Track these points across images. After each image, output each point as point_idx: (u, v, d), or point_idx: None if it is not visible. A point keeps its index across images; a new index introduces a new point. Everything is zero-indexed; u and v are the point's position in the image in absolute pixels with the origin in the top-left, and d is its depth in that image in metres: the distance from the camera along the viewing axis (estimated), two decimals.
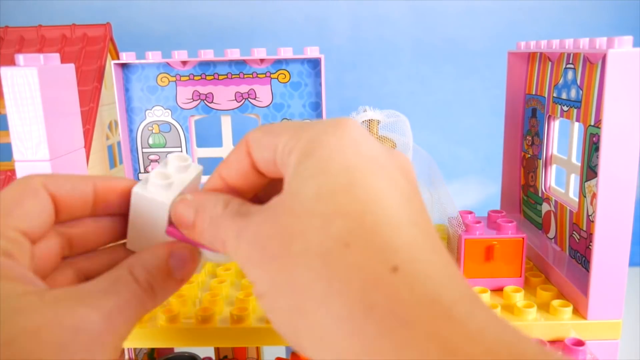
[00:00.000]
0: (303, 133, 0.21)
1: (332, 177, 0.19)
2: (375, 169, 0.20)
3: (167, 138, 0.52)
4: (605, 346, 0.36)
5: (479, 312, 0.17)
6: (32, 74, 0.30)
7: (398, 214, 0.19)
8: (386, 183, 0.20)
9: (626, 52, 0.32)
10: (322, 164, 0.19)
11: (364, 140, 0.21)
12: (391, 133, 0.44)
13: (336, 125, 0.21)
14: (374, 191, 0.19)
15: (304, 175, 0.19)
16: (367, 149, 0.20)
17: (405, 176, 0.21)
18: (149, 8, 0.84)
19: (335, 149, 0.20)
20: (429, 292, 0.17)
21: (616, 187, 0.34)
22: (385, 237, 0.18)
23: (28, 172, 0.31)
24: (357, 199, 0.18)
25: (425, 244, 0.19)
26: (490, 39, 0.85)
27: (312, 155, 0.20)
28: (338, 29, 0.85)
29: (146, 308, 0.22)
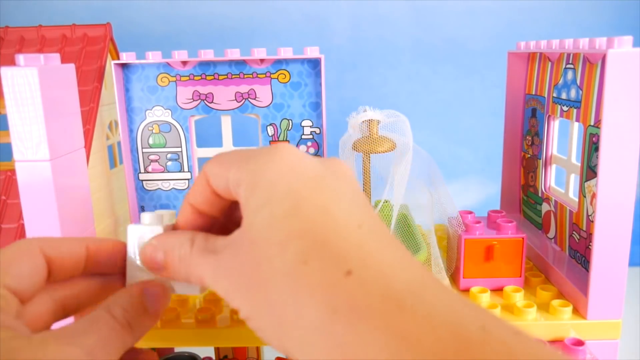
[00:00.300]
0: (247, 166, 0.23)
1: (280, 203, 0.21)
2: (315, 186, 0.22)
3: (167, 138, 0.52)
4: (605, 346, 0.36)
5: (429, 296, 0.19)
6: (32, 74, 0.30)
7: (344, 222, 0.21)
8: (328, 195, 0.22)
9: (626, 52, 0.32)
10: (268, 193, 0.22)
11: (301, 162, 0.23)
12: (391, 133, 0.44)
13: (274, 153, 0.23)
14: (318, 207, 0.21)
15: (255, 207, 0.22)
16: (305, 169, 0.23)
17: (345, 182, 0.24)
18: (149, 8, 0.84)
19: (276, 177, 0.22)
20: (381, 288, 0.19)
21: (616, 187, 0.34)
22: (335, 247, 0.20)
23: (28, 172, 0.31)
24: (305, 219, 0.21)
25: (372, 242, 0.21)
26: (490, 39, 0.85)
27: (258, 187, 0.22)
28: (338, 29, 0.85)
29: (125, 343, 0.24)
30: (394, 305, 0.18)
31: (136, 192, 0.53)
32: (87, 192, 0.36)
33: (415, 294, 0.19)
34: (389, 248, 0.21)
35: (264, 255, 0.21)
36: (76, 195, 0.34)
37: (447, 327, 0.18)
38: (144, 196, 0.53)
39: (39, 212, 0.32)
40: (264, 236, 0.21)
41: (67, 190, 0.33)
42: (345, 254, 0.20)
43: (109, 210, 0.53)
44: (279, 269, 0.20)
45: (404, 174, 0.41)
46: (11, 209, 0.47)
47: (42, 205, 0.32)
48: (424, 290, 0.19)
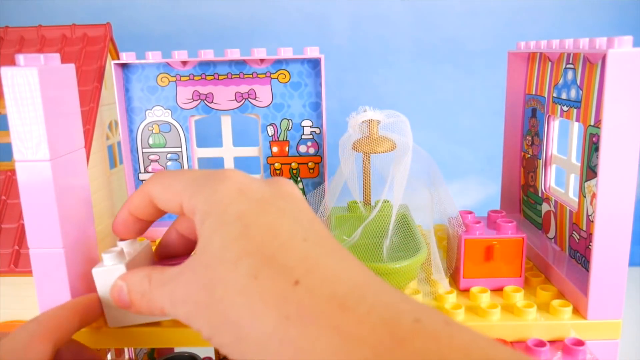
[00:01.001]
0: (199, 195, 0.26)
1: (230, 227, 0.23)
2: (262, 207, 0.24)
3: (167, 138, 0.52)
4: (605, 346, 0.36)
5: (370, 296, 0.21)
6: (32, 74, 0.30)
7: (289, 237, 0.23)
8: (274, 215, 0.24)
9: (626, 52, 0.32)
10: (219, 219, 0.24)
11: (248, 185, 0.26)
12: (391, 133, 0.44)
13: (223, 179, 0.26)
14: (265, 227, 0.23)
15: (208, 233, 0.24)
16: (252, 192, 0.25)
17: (291, 201, 0.26)
18: (149, 8, 0.84)
19: (227, 201, 0.24)
20: (325, 292, 0.21)
21: (616, 187, 0.34)
22: (282, 261, 0.22)
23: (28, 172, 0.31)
24: (253, 239, 0.23)
25: (317, 253, 0.23)
26: (490, 39, 0.85)
27: (210, 214, 0.24)
28: (338, 29, 0.85)
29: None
30: (338, 307, 0.20)
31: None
32: (88, 192, 0.36)
33: (357, 294, 0.21)
34: (333, 256, 0.23)
35: (218, 277, 0.23)
36: (76, 196, 0.34)
37: (384, 322, 0.19)
38: None
39: (39, 212, 0.32)
40: (218, 257, 0.23)
41: (67, 190, 0.33)
42: (292, 266, 0.22)
43: (109, 210, 0.53)
44: (232, 287, 0.22)
45: (404, 174, 0.41)
46: (11, 209, 0.47)
47: (42, 205, 0.32)
48: (366, 290, 0.21)
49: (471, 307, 0.38)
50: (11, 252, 0.45)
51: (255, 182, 0.26)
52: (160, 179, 0.28)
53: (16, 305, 0.48)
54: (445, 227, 0.45)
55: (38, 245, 0.33)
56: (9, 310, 0.47)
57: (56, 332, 0.30)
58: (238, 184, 0.26)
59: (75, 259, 0.34)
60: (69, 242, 0.33)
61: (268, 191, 0.26)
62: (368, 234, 0.41)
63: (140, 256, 0.33)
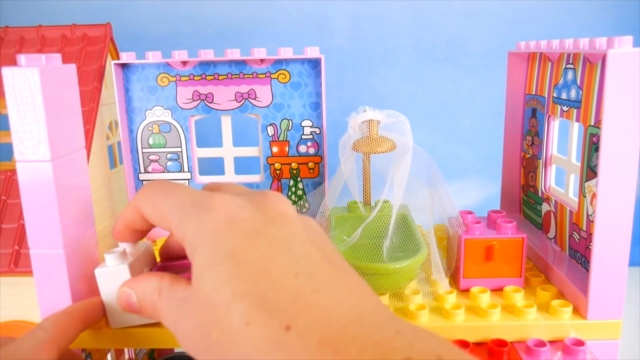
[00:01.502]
0: (187, 225, 0.25)
1: (221, 267, 0.23)
2: (252, 241, 0.24)
3: (167, 138, 0.52)
4: (605, 346, 0.36)
5: (362, 335, 0.21)
6: (33, 74, 0.30)
7: (280, 275, 0.23)
8: (264, 250, 0.24)
9: (626, 52, 0.32)
10: (209, 256, 0.24)
11: (236, 215, 0.25)
12: (391, 133, 0.44)
13: (209, 210, 0.25)
14: (256, 265, 0.23)
15: (200, 269, 0.24)
16: (242, 221, 0.25)
17: (283, 226, 0.25)
18: (149, 8, 0.84)
19: (215, 236, 0.24)
20: (317, 337, 0.20)
21: (616, 187, 0.34)
22: (274, 303, 0.22)
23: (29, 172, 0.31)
24: (244, 280, 0.23)
25: (308, 289, 0.22)
26: (490, 39, 0.85)
27: (199, 249, 0.24)
28: (338, 29, 0.85)
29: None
30: (330, 352, 0.20)
31: (136, 192, 0.53)
32: (88, 193, 0.36)
33: (348, 334, 0.21)
34: (325, 290, 0.23)
35: (212, 319, 0.23)
36: (77, 196, 0.34)
37: (369, 346, 0.20)
38: None
39: (39, 212, 0.32)
40: (210, 300, 0.23)
41: (68, 190, 0.33)
42: (283, 309, 0.22)
43: (109, 210, 0.53)
44: (227, 332, 0.22)
45: (404, 174, 0.41)
46: (11, 209, 0.47)
47: (42, 205, 0.32)
48: (358, 329, 0.21)
49: (471, 307, 0.38)
50: (11, 252, 0.45)
51: (244, 207, 0.26)
52: (150, 197, 0.28)
53: (16, 305, 0.48)
54: (445, 227, 0.45)
55: (38, 246, 0.33)
56: (9, 310, 0.48)
57: (61, 338, 0.30)
58: (226, 214, 0.25)
59: (75, 259, 0.34)
60: (70, 242, 0.33)
61: (258, 217, 0.25)
62: (368, 234, 0.41)
63: (142, 257, 0.34)
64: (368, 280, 0.37)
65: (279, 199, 0.27)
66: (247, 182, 0.53)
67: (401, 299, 0.39)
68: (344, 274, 0.24)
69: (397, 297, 0.39)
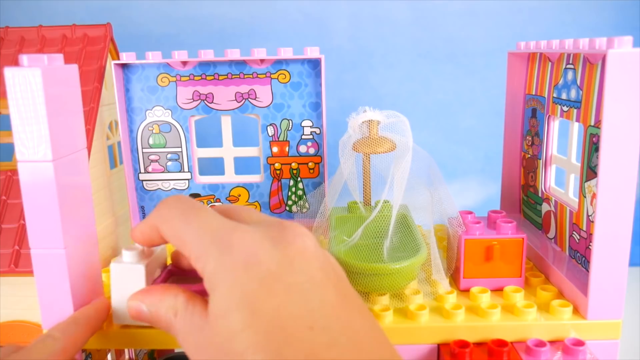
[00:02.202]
0: (205, 261, 0.25)
1: (237, 315, 0.23)
2: (269, 287, 0.24)
3: (167, 138, 0.52)
4: (605, 346, 0.36)
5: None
6: (35, 75, 0.30)
7: (295, 325, 0.23)
8: (281, 298, 0.24)
9: (626, 53, 0.32)
10: (226, 301, 0.24)
11: (255, 256, 0.25)
12: (391, 133, 0.44)
13: (229, 249, 0.25)
14: (271, 316, 0.23)
15: (216, 311, 0.24)
16: (258, 265, 0.25)
17: (300, 264, 0.25)
18: (149, 8, 0.84)
19: (231, 280, 0.24)
20: None
21: (616, 187, 0.34)
22: (287, 357, 0.22)
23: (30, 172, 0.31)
24: (259, 332, 0.23)
25: (323, 345, 0.22)
26: (490, 39, 0.85)
27: (216, 290, 0.25)
28: (338, 29, 0.85)
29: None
30: None
31: (136, 192, 0.53)
32: (89, 193, 0.36)
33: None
34: (339, 345, 0.23)
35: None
36: (78, 196, 0.34)
37: None
38: (144, 196, 0.53)
39: (40, 212, 0.32)
40: (227, 346, 0.23)
41: (69, 190, 0.33)
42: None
43: (109, 210, 0.53)
44: None
45: (404, 174, 0.41)
46: (12, 209, 0.47)
47: (43, 205, 0.32)
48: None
49: (471, 307, 0.38)
50: (11, 252, 0.45)
51: (263, 246, 0.25)
52: (169, 219, 0.28)
53: (16, 305, 0.48)
54: (445, 227, 0.45)
55: (39, 246, 0.33)
56: (9, 310, 0.48)
57: (71, 347, 0.30)
58: (244, 255, 0.25)
59: (76, 259, 0.34)
60: (71, 242, 0.33)
61: (276, 259, 0.25)
62: (368, 234, 0.41)
63: (157, 258, 0.34)
64: (368, 281, 0.37)
65: (299, 235, 0.26)
66: (247, 182, 0.53)
67: (401, 299, 0.39)
68: (358, 319, 0.25)
69: (397, 297, 0.39)
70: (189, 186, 0.53)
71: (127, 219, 0.56)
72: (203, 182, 0.53)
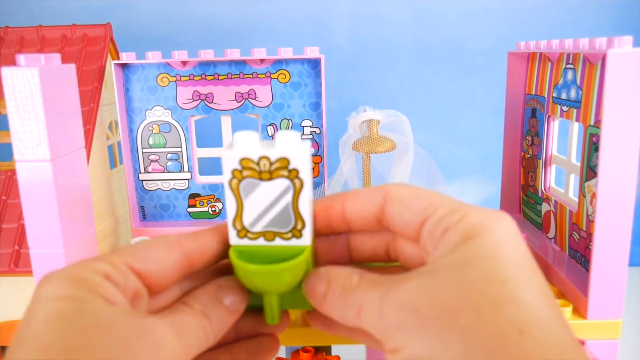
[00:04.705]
0: (465, 217, 0.22)
1: (502, 263, 0.21)
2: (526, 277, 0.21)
3: (167, 138, 0.52)
4: (605, 346, 0.36)
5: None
6: (33, 74, 0.30)
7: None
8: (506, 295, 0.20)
9: (626, 53, 0.32)
10: (487, 250, 0.21)
11: (512, 231, 0.23)
12: (391, 133, 0.44)
13: (498, 218, 0.22)
14: (535, 291, 0.21)
15: (469, 256, 0.21)
16: (516, 236, 0.23)
17: (526, 269, 0.23)
18: (149, 8, 0.84)
19: (498, 238, 0.22)
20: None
21: (616, 187, 0.34)
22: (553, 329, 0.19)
23: (29, 172, 0.31)
24: (524, 290, 0.20)
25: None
26: (490, 39, 0.85)
27: (476, 238, 0.21)
28: (338, 29, 0.85)
29: (207, 334, 0.24)
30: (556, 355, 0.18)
31: (136, 192, 0.53)
32: (88, 193, 0.36)
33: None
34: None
35: (473, 305, 0.19)
36: (77, 196, 0.34)
37: None
38: (144, 196, 0.53)
39: (39, 212, 0.32)
40: (477, 288, 0.20)
41: (67, 190, 0.33)
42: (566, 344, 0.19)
43: (109, 210, 0.53)
44: (489, 326, 0.19)
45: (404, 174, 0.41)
46: (11, 209, 0.47)
47: (42, 205, 0.32)
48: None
49: None
50: (11, 252, 0.45)
51: (520, 239, 0.23)
52: (408, 186, 0.25)
53: (16, 306, 0.48)
54: None
55: (38, 245, 0.33)
56: (9, 310, 0.48)
57: (187, 235, 0.25)
58: (510, 232, 0.23)
59: (75, 259, 0.34)
60: (70, 242, 0.33)
61: (524, 260, 0.23)
62: None
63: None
64: None
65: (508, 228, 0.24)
66: None
67: None
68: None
69: None
70: (189, 186, 0.53)
71: (127, 219, 0.56)
72: (203, 182, 0.53)
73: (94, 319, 0.20)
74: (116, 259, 0.23)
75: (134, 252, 0.23)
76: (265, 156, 0.24)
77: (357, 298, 0.23)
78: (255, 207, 0.25)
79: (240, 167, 0.24)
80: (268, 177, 0.24)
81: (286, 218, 0.25)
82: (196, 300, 0.24)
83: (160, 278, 0.24)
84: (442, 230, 0.22)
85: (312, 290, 0.25)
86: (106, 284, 0.22)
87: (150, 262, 0.23)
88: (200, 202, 0.53)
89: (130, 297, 0.23)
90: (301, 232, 0.25)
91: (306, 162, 0.24)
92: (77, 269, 0.22)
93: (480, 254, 0.21)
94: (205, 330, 0.23)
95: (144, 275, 0.23)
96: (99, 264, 0.22)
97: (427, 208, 0.23)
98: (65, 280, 0.21)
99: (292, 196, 0.24)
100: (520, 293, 0.20)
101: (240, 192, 0.24)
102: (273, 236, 0.25)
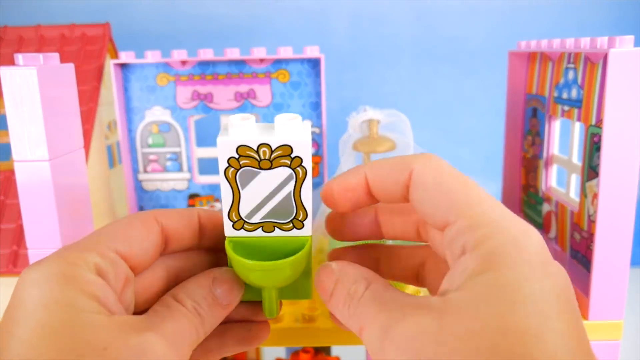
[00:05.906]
0: (486, 239, 0.19)
1: (524, 308, 0.18)
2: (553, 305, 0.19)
3: (167, 138, 0.52)
4: (606, 347, 0.36)
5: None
6: (31, 74, 0.30)
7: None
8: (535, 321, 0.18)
9: (627, 52, 0.32)
10: (507, 290, 0.18)
11: (540, 261, 0.19)
12: (391, 133, 0.43)
13: (523, 235, 0.20)
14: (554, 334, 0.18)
15: (485, 295, 0.18)
16: (543, 268, 0.19)
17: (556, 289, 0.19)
18: (148, 8, 0.84)
19: (521, 275, 0.18)
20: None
21: (617, 187, 0.34)
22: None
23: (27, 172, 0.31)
24: (548, 344, 0.18)
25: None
26: (491, 38, 0.85)
27: (495, 272, 0.18)
28: (338, 29, 0.85)
29: (198, 333, 0.23)
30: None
31: (135, 192, 0.53)
32: (87, 192, 0.36)
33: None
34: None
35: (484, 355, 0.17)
36: (75, 196, 0.34)
37: None
38: (143, 196, 0.53)
39: (37, 212, 0.32)
40: (493, 342, 0.17)
41: (66, 190, 0.33)
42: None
43: (108, 210, 0.53)
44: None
45: None
46: (10, 209, 0.47)
47: (41, 205, 0.31)
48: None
49: None
50: (10, 253, 0.45)
51: (544, 251, 0.20)
52: (436, 168, 0.22)
53: None
54: None
55: (37, 246, 0.32)
56: None
57: (162, 211, 0.25)
58: (535, 252, 0.20)
59: None
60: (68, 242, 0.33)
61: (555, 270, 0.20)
62: None
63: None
64: None
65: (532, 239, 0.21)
66: None
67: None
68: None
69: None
70: (189, 186, 0.53)
71: None
72: (203, 182, 0.53)
73: (87, 337, 0.19)
74: (104, 247, 0.22)
75: (117, 235, 0.23)
76: (266, 144, 0.22)
77: (360, 314, 0.21)
78: (253, 197, 0.23)
79: (238, 156, 0.22)
80: (268, 166, 0.23)
81: (287, 208, 0.24)
82: (188, 296, 0.23)
83: (143, 257, 0.23)
84: (459, 249, 0.20)
85: (321, 285, 0.23)
86: (98, 280, 0.21)
87: (132, 242, 0.23)
88: (200, 202, 0.53)
89: (120, 286, 0.22)
90: (303, 222, 0.24)
91: (309, 149, 0.22)
92: (65, 265, 0.21)
93: (497, 295, 0.18)
94: (197, 331, 0.23)
95: (128, 257, 0.22)
96: (88, 255, 0.21)
97: (449, 210, 0.21)
98: (54, 279, 0.20)
99: (294, 185, 0.23)
100: (540, 349, 0.17)
101: (237, 181, 0.23)
102: (272, 227, 0.24)
